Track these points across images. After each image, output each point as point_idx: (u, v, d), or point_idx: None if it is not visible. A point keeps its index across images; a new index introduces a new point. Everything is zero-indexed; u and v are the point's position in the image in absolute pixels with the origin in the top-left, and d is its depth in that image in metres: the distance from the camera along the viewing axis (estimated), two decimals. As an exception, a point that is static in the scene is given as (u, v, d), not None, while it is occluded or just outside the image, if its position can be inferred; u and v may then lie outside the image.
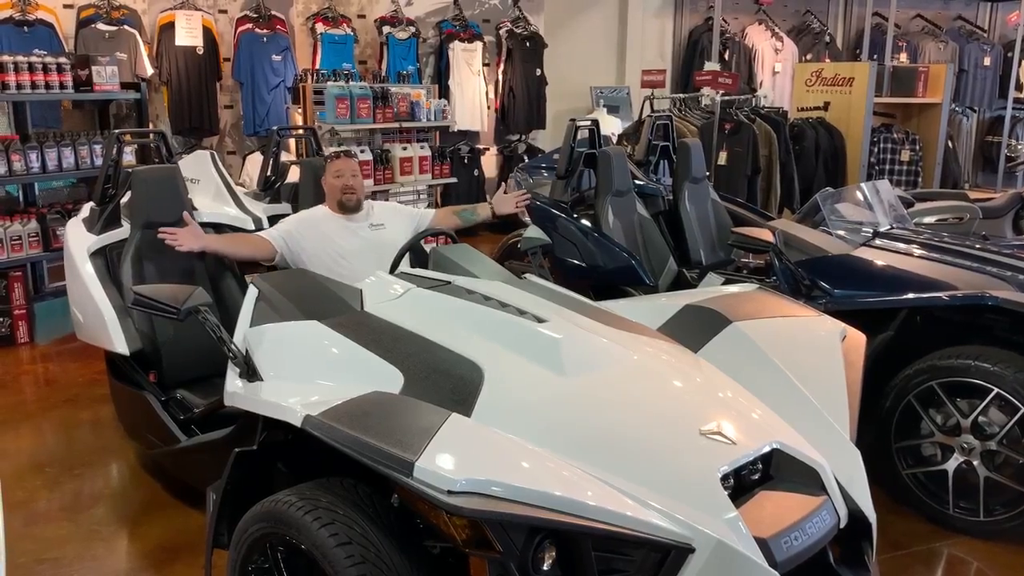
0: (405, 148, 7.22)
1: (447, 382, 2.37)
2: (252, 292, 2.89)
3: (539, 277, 3.45)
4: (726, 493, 2.08)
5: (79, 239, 3.58)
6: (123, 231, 3.58)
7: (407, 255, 3.65)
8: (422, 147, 7.37)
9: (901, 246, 3.87)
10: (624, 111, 9.51)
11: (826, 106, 7.79)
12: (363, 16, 8.66)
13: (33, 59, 5.21)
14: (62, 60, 5.37)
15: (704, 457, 2.15)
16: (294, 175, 4.25)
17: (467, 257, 3.43)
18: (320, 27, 8.23)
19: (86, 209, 3.76)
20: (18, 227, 5.20)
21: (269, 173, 4.24)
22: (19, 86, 5.11)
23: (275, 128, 4.38)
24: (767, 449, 2.27)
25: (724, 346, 2.82)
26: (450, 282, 2.96)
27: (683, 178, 5.13)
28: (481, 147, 9.12)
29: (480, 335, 2.57)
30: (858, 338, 2.93)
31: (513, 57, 9.03)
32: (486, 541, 1.80)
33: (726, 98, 6.76)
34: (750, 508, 2.14)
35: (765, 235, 3.76)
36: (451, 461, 1.85)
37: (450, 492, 1.77)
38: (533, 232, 3.80)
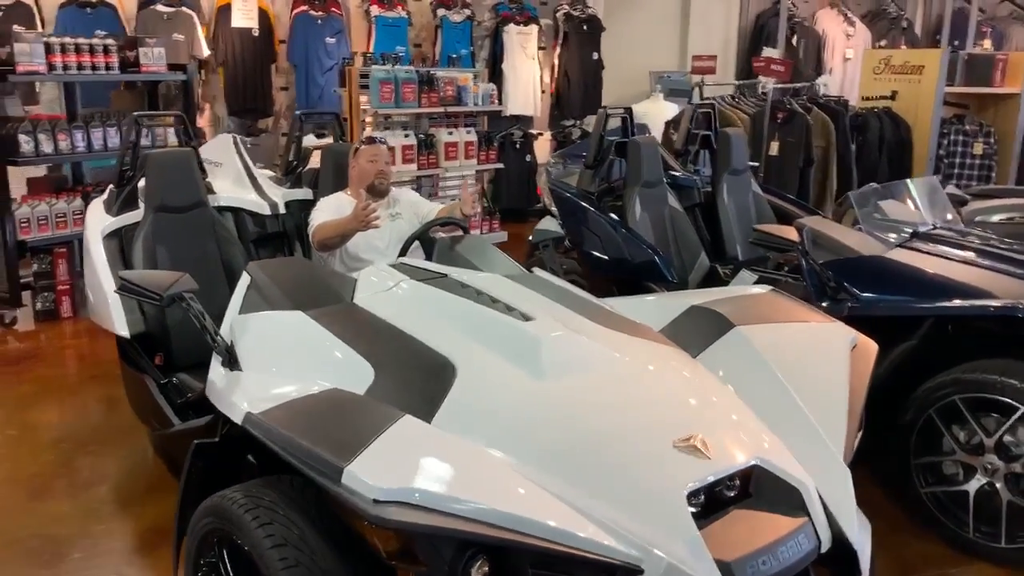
0: (451, 133, 7.17)
1: (418, 379, 2.31)
2: (245, 279, 2.88)
3: (549, 271, 3.35)
4: (691, 511, 1.96)
5: (96, 220, 3.63)
6: (139, 213, 3.62)
7: (419, 246, 3.62)
8: (468, 132, 7.30)
9: (941, 248, 3.62)
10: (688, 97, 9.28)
11: (893, 95, 7.40)
12: (419, -1, 8.63)
13: (80, 41, 5.32)
14: (109, 42, 5.47)
15: (672, 471, 2.04)
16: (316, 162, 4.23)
17: (474, 249, 3.36)
18: (375, 10, 8.21)
19: (109, 191, 3.82)
20: (63, 205, 5.34)
21: (291, 158, 4.23)
22: (66, 67, 5.22)
23: (298, 112, 4.38)
24: (746, 465, 2.13)
25: (725, 351, 2.69)
26: (446, 275, 2.88)
27: (722, 169, 4.94)
28: (535, 132, 9.00)
29: (460, 331, 2.50)
30: (869, 347, 2.76)
31: (569, 41, 8.87)
32: (413, 554, 1.73)
33: (781, 86, 6.48)
34: (719, 528, 2.02)
35: (790, 233, 3.58)
36: (383, 468, 1.79)
37: (376, 501, 1.71)
38: (546, 224, 3.71)
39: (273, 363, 2.54)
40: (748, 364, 2.60)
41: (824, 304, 3.37)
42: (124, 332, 3.20)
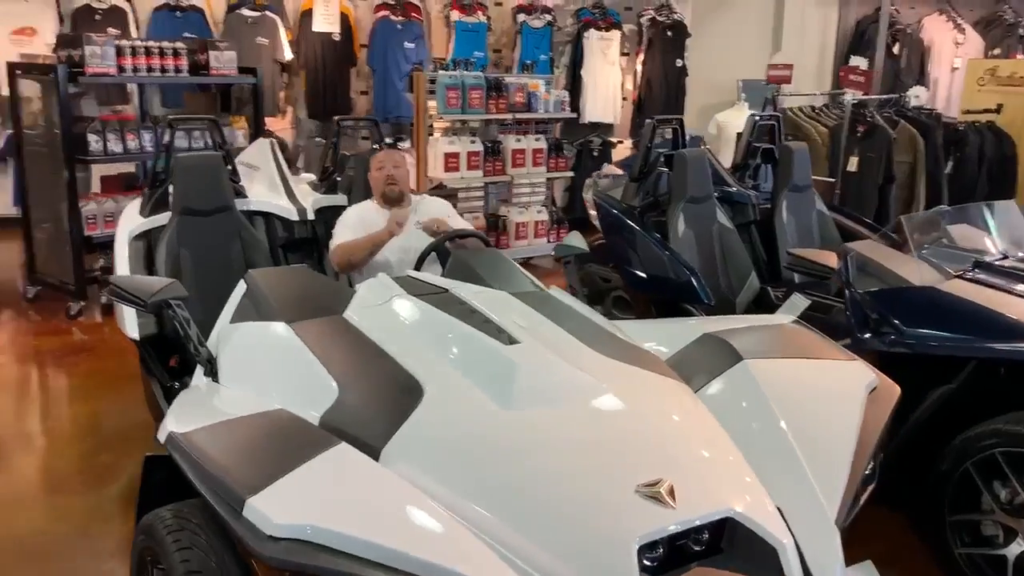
0: (519, 140, 7.07)
1: (382, 400, 2.22)
2: (240, 287, 2.85)
3: (568, 289, 3.21)
4: (644, 564, 1.79)
5: (127, 221, 3.70)
6: (167, 216, 3.66)
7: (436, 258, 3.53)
8: (537, 139, 7.18)
9: (1005, 282, 3.27)
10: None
11: (998, 108, 6.87)
12: (500, 3, 8.57)
13: (151, 44, 5.49)
14: (179, 45, 5.61)
15: (627, 519, 1.86)
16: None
17: (488, 264, 3.21)
18: (455, 15, 8.20)
19: (143, 193, 3.89)
20: (126, 202, 5.50)
21: (327, 164, 4.22)
22: (135, 69, 5.38)
23: (336, 118, 4.36)
24: (715, 517, 1.93)
25: (728, 385, 2.49)
26: (447, 290, 2.78)
27: (783, 185, 4.66)
28: (614, 140, 8.80)
29: (437, 352, 2.39)
30: (890, 392, 2.51)
31: (653, 46, 8.64)
32: (309, 594, 1.63)
33: (865, 97, 6.09)
34: (676, 585, 1.84)
35: (828, 258, 3.31)
36: (287, 502, 1.70)
37: (270, 537, 1.62)
38: (572, 239, 3.55)
39: (246, 375, 2.50)
40: (749, 402, 2.40)
41: (865, 336, 3.10)
42: (134, 334, 3.23)
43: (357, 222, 3.65)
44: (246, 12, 7.68)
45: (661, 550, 1.86)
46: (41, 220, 5.64)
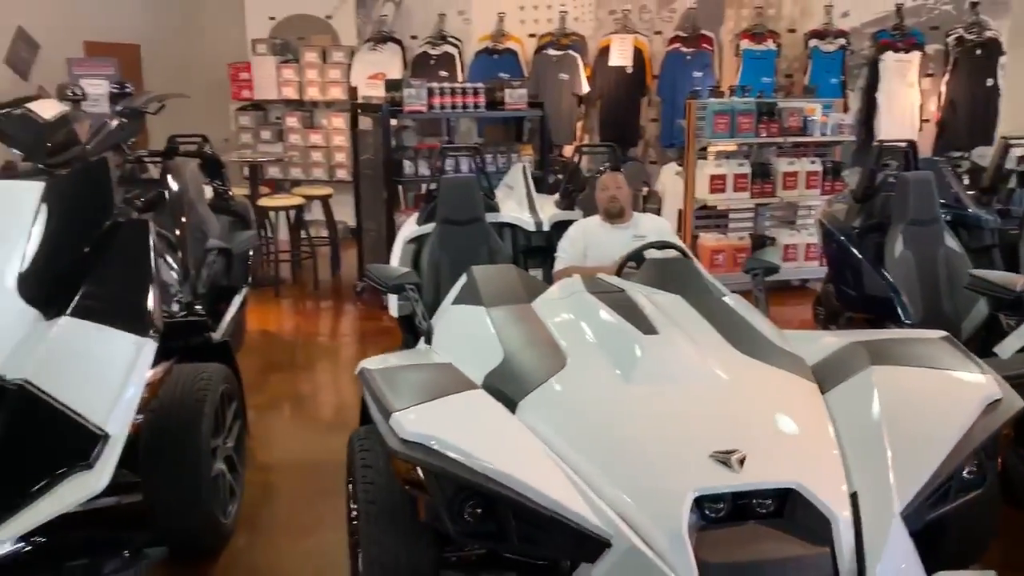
0: (792, 163, 7.21)
1: (530, 366, 2.78)
2: (463, 278, 3.61)
3: (753, 300, 3.53)
4: (688, 510, 2.17)
5: (406, 228, 4.69)
6: (433, 225, 4.57)
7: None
8: (813, 162, 7.26)
9: None
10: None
11: None
12: (793, 30, 8.70)
13: (455, 85, 6.59)
14: (478, 85, 6.65)
15: (690, 474, 2.26)
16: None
17: (674, 272, 3.59)
18: (745, 43, 8.52)
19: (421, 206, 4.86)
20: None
21: (568, 184, 4.91)
22: (442, 107, 6.51)
23: (576, 145, 5.02)
24: (779, 486, 2.26)
25: (851, 388, 2.72)
26: (623, 291, 3.29)
27: (1033, 211, 4.47)
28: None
29: (588, 334, 2.93)
30: (1011, 404, 2.56)
31: (959, 66, 8.21)
32: (423, 485, 2.27)
33: None
34: (724, 534, 2.19)
35: (1016, 281, 3.28)
36: (422, 419, 2.35)
37: (403, 440, 2.28)
38: (764, 253, 3.84)
39: (446, 342, 3.24)
40: (862, 400, 2.62)
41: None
42: (394, 313, 4.15)
43: (578, 236, 4.26)
44: (551, 52, 8.68)
45: (723, 505, 2.24)
46: (368, 229, 7.00)
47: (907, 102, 8.28)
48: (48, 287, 2.83)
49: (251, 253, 4.81)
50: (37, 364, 2.57)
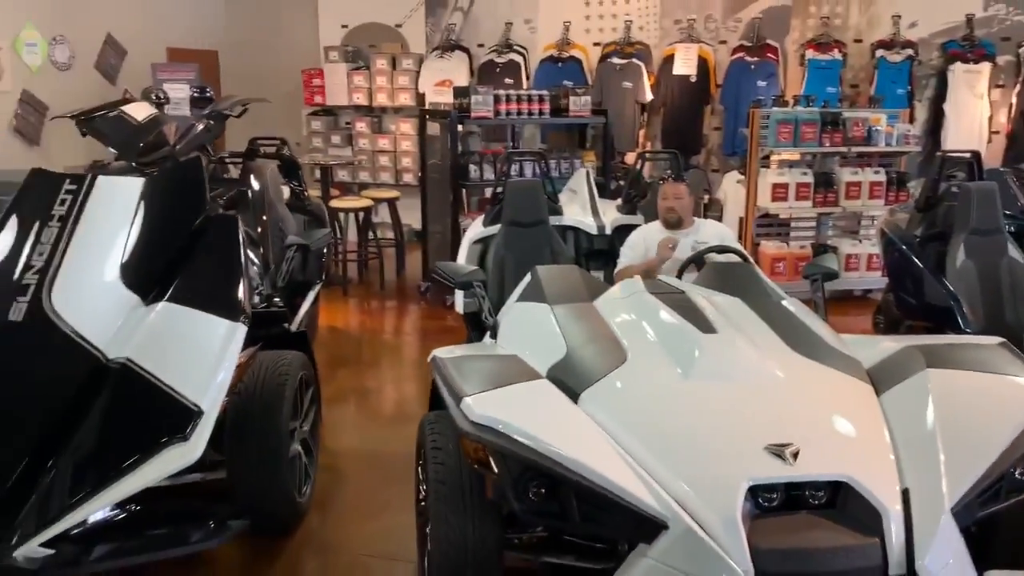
0: (855, 172, 7.20)
1: (593, 361, 2.91)
2: (527, 277, 3.76)
3: (812, 304, 3.61)
4: (742, 498, 2.29)
5: (472, 229, 4.87)
6: (499, 227, 4.74)
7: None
8: (876, 172, 7.24)
9: None
10: None
11: None
12: (859, 40, 8.67)
13: (520, 92, 6.77)
14: (544, 92, 6.81)
15: (745, 465, 2.38)
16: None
17: (734, 276, 3.68)
18: (810, 53, 8.52)
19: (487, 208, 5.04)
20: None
21: (630, 189, 5.03)
22: (508, 113, 6.69)
23: (638, 151, 5.13)
24: (831, 479, 2.37)
25: (906, 390, 2.80)
26: (684, 292, 3.40)
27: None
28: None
29: (649, 332, 3.06)
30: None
31: (1031, 77, 8.09)
32: (490, 465, 2.43)
33: None
34: (777, 522, 2.32)
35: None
36: (491, 404, 2.51)
37: (473, 423, 2.45)
38: (823, 259, 3.91)
39: (512, 337, 3.40)
40: (917, 400, 2.69)
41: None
42: (460, 310, 4.33)
43: (639, 241, 4.38)
44: (615, 60, 8.80)
45: (776, 495, 2.36)
46: (434, 231, 7.21)
47: (976, 113, 8.19)
48: (148, 275, 3.08)
49: (325, 251, 5.04)
50: (138, 345, 2.81)
